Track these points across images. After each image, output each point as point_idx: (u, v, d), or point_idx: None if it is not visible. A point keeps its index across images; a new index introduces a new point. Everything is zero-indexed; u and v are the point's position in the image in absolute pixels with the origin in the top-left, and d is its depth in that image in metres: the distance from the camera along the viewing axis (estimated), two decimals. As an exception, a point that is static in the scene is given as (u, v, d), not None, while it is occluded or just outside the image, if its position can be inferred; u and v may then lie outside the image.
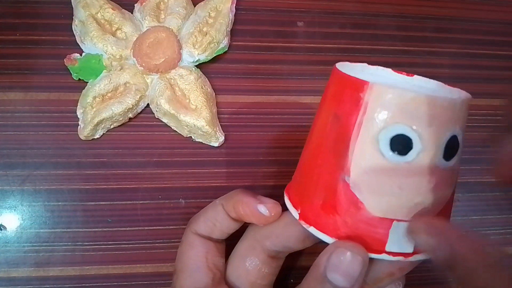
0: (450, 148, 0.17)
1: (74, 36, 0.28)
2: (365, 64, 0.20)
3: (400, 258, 0.17)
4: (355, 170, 0.16)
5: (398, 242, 0.17)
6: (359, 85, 0.16)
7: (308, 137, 0.20)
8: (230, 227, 0.22)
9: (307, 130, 0.21)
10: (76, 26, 0.28)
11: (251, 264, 0.21)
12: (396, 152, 0.16)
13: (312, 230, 0.18)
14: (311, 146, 0.19)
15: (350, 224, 0.17)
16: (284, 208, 0.20)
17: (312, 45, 0.31)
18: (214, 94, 0.29)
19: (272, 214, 0.20)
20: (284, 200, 0.21)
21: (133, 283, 0.26)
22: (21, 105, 0.28)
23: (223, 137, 0.28)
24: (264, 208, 0.20)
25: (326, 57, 0.31)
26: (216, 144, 0.28)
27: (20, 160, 0.27)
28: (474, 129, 0.31)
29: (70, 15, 0.29)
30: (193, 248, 0.22)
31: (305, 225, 0.18)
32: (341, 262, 0.16)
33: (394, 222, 0.16)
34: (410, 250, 0.17)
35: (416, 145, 0.16)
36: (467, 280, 0.14)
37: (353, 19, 0.32)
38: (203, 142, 0.28)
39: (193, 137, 0.28)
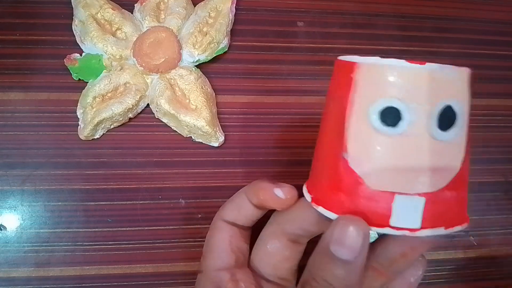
0: (446, 119, 0.17)
1: (74, 36, 0.28)
2: (378, 58, 0.21)
3: (405, 232, 0.17)
4: (351, 146, 0.17)
5: (402, 216, 0.17)
6: (349, 67, 0.18)
7: (320, 125, 0.21)
8: (253, 214, 0.23)
9: (307, 130, 0.21)
10: (76, 26, 0.28)
11: (272, 247, 0.22)
12: (386, 124, 0.16)
13: (321, 209, 0.18)
14: (320, 136, 0.20)
15: (354, 200, 0.17)
16: (301, 195, 0.21)
17: (312, 45, 0.31)
18: (214, 94, 0.29)
19: (288, 197, 0.21)
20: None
21: (133, 283, 0.26)
22: (21, 105, 0.28)
23: (223, 137, 0.28)
24: (281, 191, 0.21)
25: (326, 57, 0.31)
26: (216, 144, 0.28)
27: (20, 160, 0.27)
28: (474, 129, 0.31)
29: (70, 15, 0.29)
30: (219, 233, 0.23)
31: (315, 206, 0.19)
32: (343, 235, 0.17)
33: (396, 195, 0.17)
34: (416, 225, 0.17)
35: (405, 115, 0.16)
36: None
37: (353, 19, 0.32)
38: (203, 142, 0.28)
39: (193, 137, 0.28)
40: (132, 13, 0.30)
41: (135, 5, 0.30)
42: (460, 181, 0.18)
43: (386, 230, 0.17)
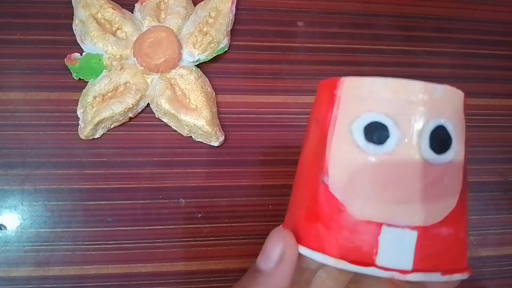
0: (439, 139, 0.15)
1: (75, 36, 0.28)
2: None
3: (394, 274, 0.14)
4: (332, 168, 0.15)
5: (391, 253, 0.14)
6: (333, 84, 0.16)
7: (299, 160, 0.19)
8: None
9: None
10: (76, 26, 0.28)
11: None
12: (372, 141, 0.15)
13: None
14: (299, 164, 0.18)
15: (334, 231, 0.15)
16: None
17: (312, 45, 0.31)
18: (214, 93, 0.29)
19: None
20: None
21: (133, 282, 0.26)
22: (21, 105, 0.28)
23: (223, 137, 0.28)
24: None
25: (326, 57, 0.31)
26: (216, 144, 0.28)
27: (20, 159, 0.27)
28: (474, 129, 0.32)
29: (70, 15, 0.29)
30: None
31: None
32: (264, 246, 0.16)
33: (384, 227, 0.14)
34: (408, 266, 0.14)
35: (393, 132, 0.15)
36: None
37: (353, 19, 0.32)
38: (203, 142, 0.28)
39: (193, 137, 0.28)
40: (132, 12, 0.30)
41: (135, 4, 0.30)
42: (459, 217, 0.15)
43: (371, 271, 0.14)
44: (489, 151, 0.31)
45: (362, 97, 0.15)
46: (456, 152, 0.15)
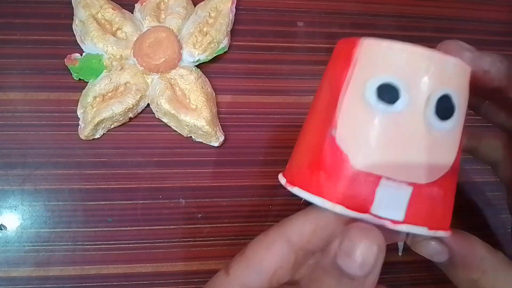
0: (444, 107, 0.16)
1: (75, 36, 0.28)
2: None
3: (386, 222, 0.15)
4: (342, 121, 0.16)
5: (385, 204, 0.16)
6: (351, 43, 0.17)
7: (306, 117, 0.20)
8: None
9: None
10: (76, 26, 0.28)
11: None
12: (383, 101, 0.16)
13: (296, 190, 0.17)
14: (307, 120, 0.19)
15: (334, 180, 0.16)
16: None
17: (312, 45, 0.31)
18: (214, 94, 0.29)
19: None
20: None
21: (134, 283, 0.26)
22: (22, 105, 0.28)
23: (223, 137, 0.28)
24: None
25: (326, 57, 0.31)
26: (216, 144, 0.28)
27: (21, 159, 0.27)
28: (475, 129, 0.31)
29: (70, 15, 0.29)
30: (269, 252, 0.18)
31: (289, 187, 0.18)
32: (353, 247, 0.14)
33: (382, 180, 0.15)
34: (399, 217, 0.16)
35: (404, 94, 0.16)
36: None
37: (353, 19, 0.32)
38: (203, 142, 0.28)
39: (193, 137, 0.28)
40: (132, 13, 0.30)
41: (135, 5, 0.30)
42: (450, 180, 0.17)
43: (365, 217, 0.15)
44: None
45: (379, 59, 0.16)
46: (457, 121, 0.17)
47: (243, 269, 0.18)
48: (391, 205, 0.16)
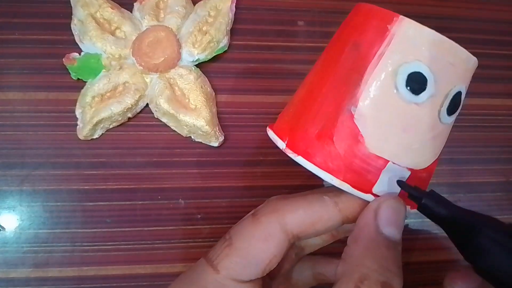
0: (454, 103, 0.17)
1: (73, 36, 0.28)
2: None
3: None
4: (364, 101, 0.16)
5: (386, 185, 0.16)
6: (388, 16, 0.16)
7: (312, 70, 0.19)
8: (332, 225, 0.18)
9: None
10: (75, 26, 0.28)
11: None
12: (410, 89, 0.16)
13: (300, 159, 0.17)
14: (316, 77, 0.18)
15: (344, 157, 0.16)
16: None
17: (312, 44, 0.31)
18: (214, 93, 0.29)
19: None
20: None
21: (132, 284, 0.26)
22: (20, 105, 0.27)
23: (223, 137, 0.28)
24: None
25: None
26: (216, 144, 0.28)
27: (19, 160, 0.27)
28: (476, 129, 0.31)
29: (69, 14, 0.29)
30: (266, 242, 0.17)
31: (293, 155, 0.17)
32: (394, 214, 0.16)
33: (390, 163, 0.16)
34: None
35: (430, 87, 0.16)
36: None
37: (354, 19, 0.32)
38: (203, 142, 0.28)
39: (192, 137, 0.28)
40: (131, 12, 0.30)
41: (134, 4, 0.30)
42: (433, 165, 0.18)
43: (367, 197, 0.16)
44: (491, 152, 0.31)
45: (416, 45, 0.16)
46: (456, 115, 0.18)
47: (235, 263, 0.17)
48: (390, 187, 0.16)
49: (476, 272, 0.16)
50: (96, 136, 0.27)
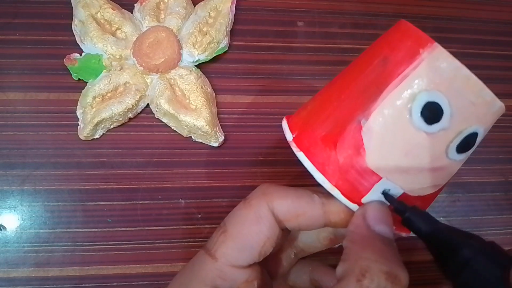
0: (466, 143, 0.16)
1: (74, 36, 0.28)
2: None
3: None
4: (376, 117, 0.16)
5: (376, 199, 0.17)
6: (423, 40, 0.16)
7: (341, 72, 0.19)
8: (315, 223, 0.18)
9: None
10: (76, 26, 0.28)
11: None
12: (423, 118, 0.16)
13: (301, 155, 0.17)
14: (340, 81, 0.18)
15: (342, 164, 0.16)
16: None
17: (312, 45, 0.31)
18: (214, 94, 0.29)
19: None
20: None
21: (133, 283, 0.26)
22: (21, 105, 0.28)
23: (223, 137, 0.28)
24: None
25: (326, 57, 0.31)
26: (216, 144, 0.28)
27: (20, 160, 0.27)
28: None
29: (69, 15, 0.29)
30: (258, 224, 0.18)
31: (296, 149, 0.18)
32: (380, 213, 0.16)
33: (383, 179, 0.16)
34: None
35: (444, 120, 0.16)
36: None
37: (353, 19, 0.32)
38: (203, 142, 0.28)
39: (193, 137, 0.28)
40: (132, 13, 0.30)
41: (135, 5, 0.30)
42: (430, 199, 0.18)
43: (353, 206, 0.17)
44: (490, 151, 0.31)
45: (442, 74, 0.16)
46: (467, 155, 0.17)
47: (231, 249, 0.18)
48: (378, 199, 0.17)
49: None
50: (97, 136, 0.27)
